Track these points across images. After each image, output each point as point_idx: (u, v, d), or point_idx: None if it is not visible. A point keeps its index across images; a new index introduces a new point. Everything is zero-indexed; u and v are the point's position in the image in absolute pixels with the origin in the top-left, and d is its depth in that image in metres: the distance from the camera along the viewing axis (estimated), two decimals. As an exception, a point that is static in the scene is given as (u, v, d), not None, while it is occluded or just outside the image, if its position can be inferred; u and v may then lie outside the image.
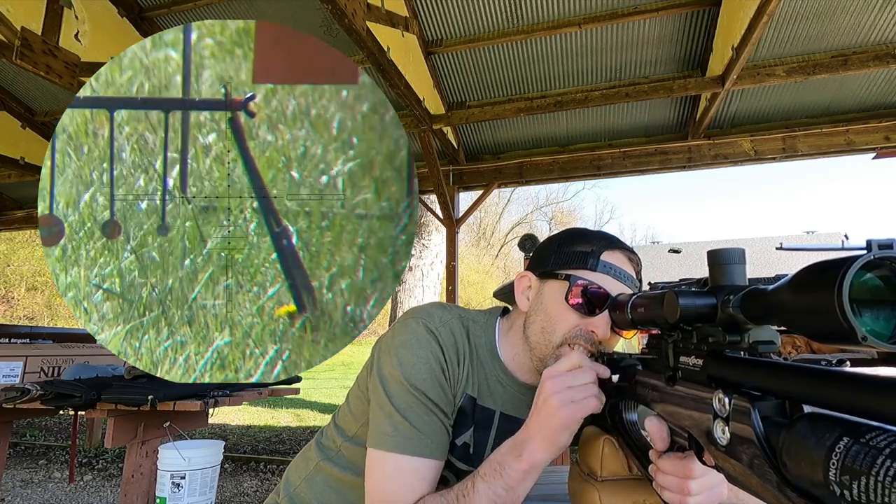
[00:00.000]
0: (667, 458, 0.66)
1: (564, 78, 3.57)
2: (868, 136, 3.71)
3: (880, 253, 0.36)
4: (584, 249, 0.87)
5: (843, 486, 0.33)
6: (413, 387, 0.83)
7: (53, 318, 13.50)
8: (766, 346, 0.50)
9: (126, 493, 2.40)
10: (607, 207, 54.43)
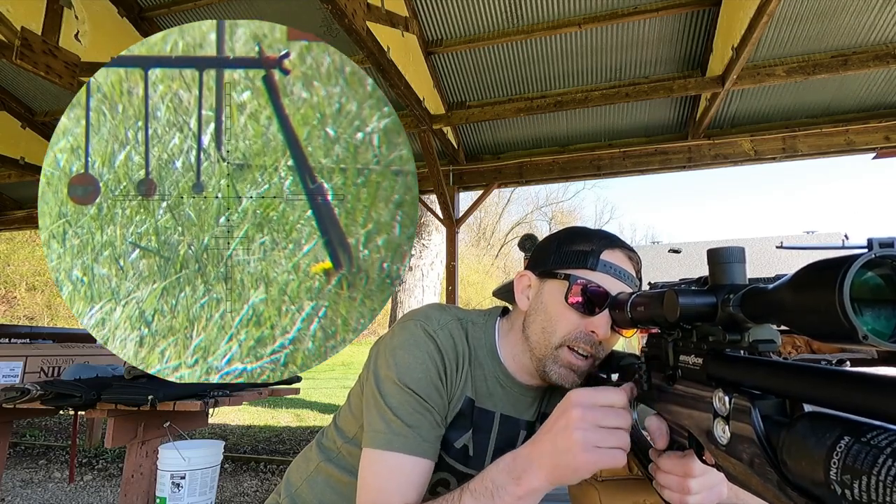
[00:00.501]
0: (667, 456, 0.66)
1: (564, 78, 3.57)
2: (868, 136, 3.71)
3: (881, 252, 0.36)
4: (583, 248, 0.87)
5: (844, 485, 0.33)
6: (407, 387, 0.83)
7: (53, 318, 13.50)
8: (766, 345, 0.50)
9: (126, 493, 2.40)
10: (607, 207, 54.35)
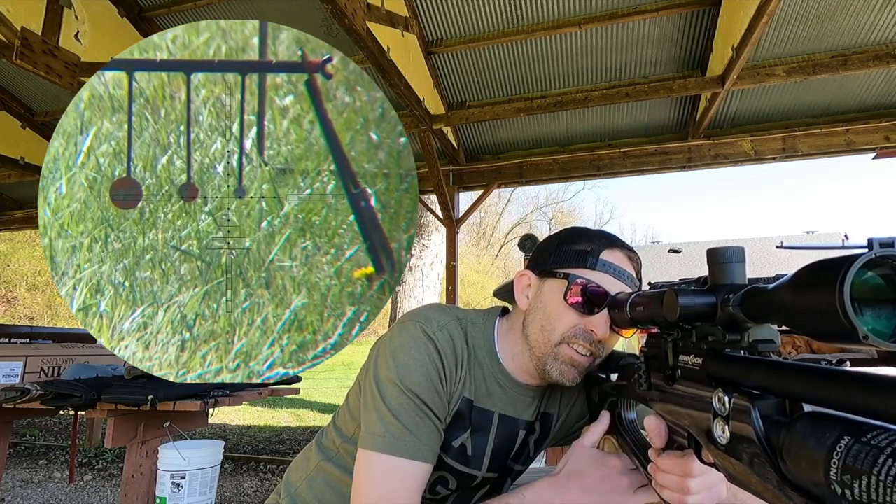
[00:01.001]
0: (666, 456, 0.66)
1: (564, 78, 3.57)
2: (868, 136, 3.71)
3: (881, 251, 0.36)
4: (583, 248, 0.87)
5: (844, 485, 0.33)
6: (408, 389, 0.83)
7: (53, 318, 13.50)
8: (765, 344, 0.50)
9: (126, 493, 2.40)
10: (607, 207, 54.38)
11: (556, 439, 1.05)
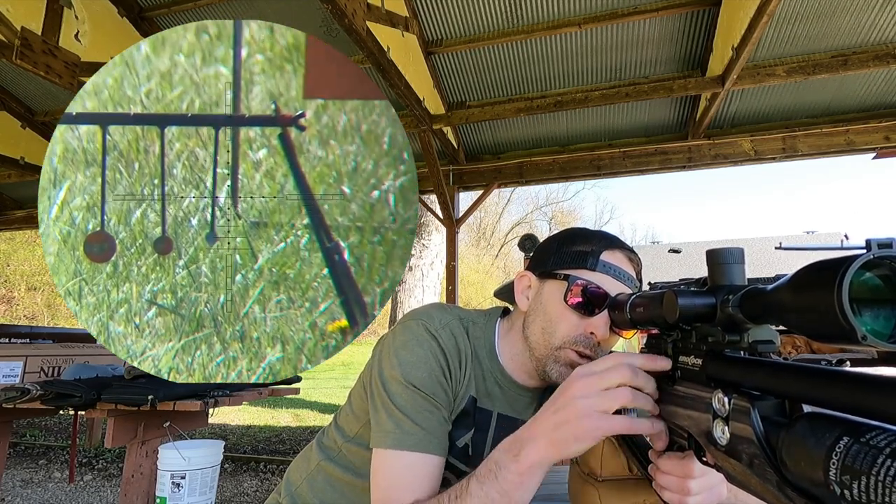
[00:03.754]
0: (666, 457, 0.66)
1: (564, 78, 3.57)
2: (868, 136, 3.71)
3: (880, 252, 0.36)
4: (583, 249, 0.87)
5: (844, 485, 0.33)
6: (412, 385, 0.84)
7: (53, 318, 13.50)
8: (765, 345, 0.50)
9: (126, 493, 2.40)
10: (607, 207, 54.49)
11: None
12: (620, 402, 0.62)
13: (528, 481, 0.67)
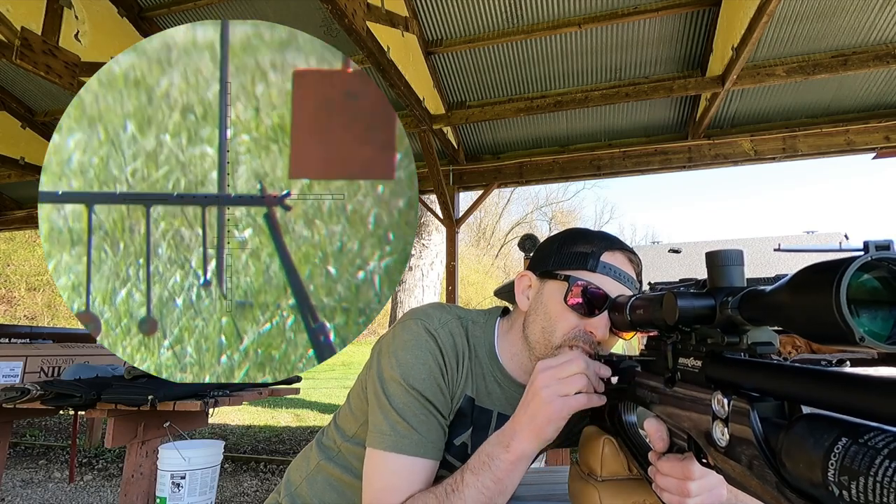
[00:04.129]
0: (666, 459, 0.66)
1: (564, 78, 3.57)
2: (868, 136, 3.71)
3: (877, 254, 0.36)
4: (584, 250, 0.87)
5: (842, 486, 0.33)
6: (411, 387, 0.84)
7: (53, 318, 13.49)
8: (764, 347, 0.50)
9: (126, 493, 2.40)
10: (607, 207, 54.52)
11: (556, 441, 1.05)
12: (577, 387, 0.74)
13: (518, 468, 0.76)
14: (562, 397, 0.73)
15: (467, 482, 0.76)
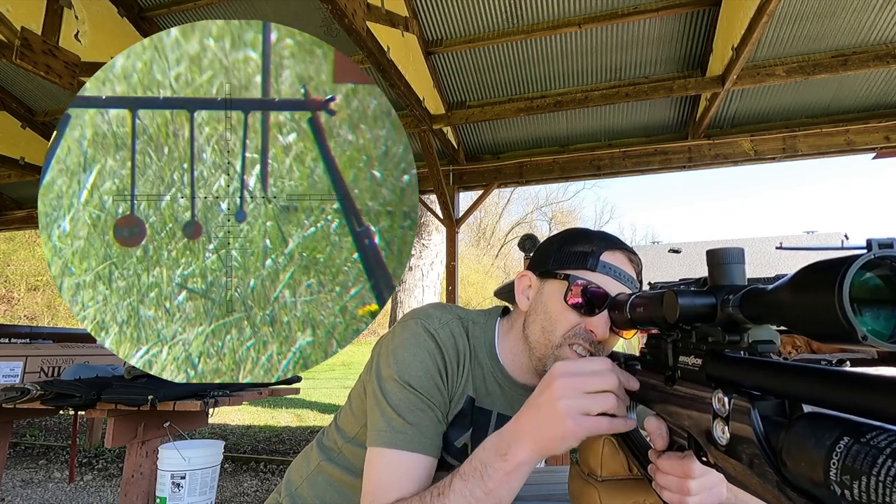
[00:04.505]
0: (666, 457, 0.66)
1: (564, 78, 3.57)
2: (868, 136, 3.71)
3: (880, 252, 0.36)
4: (584, 249, 0.87)
5: (844, 485, 0.33)
6: (407, 384, 0.84)
7: (53, 318, 13.50)
8: (765, 345, 0.50)
9: (126, 493, 2.40)
10: (607, 207, 54.56)
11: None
12: (605, 408, 0.63)
13: (514, 479, 0.68)
14: (583, 415, 0.63)
15: (455, 488, 0.69)
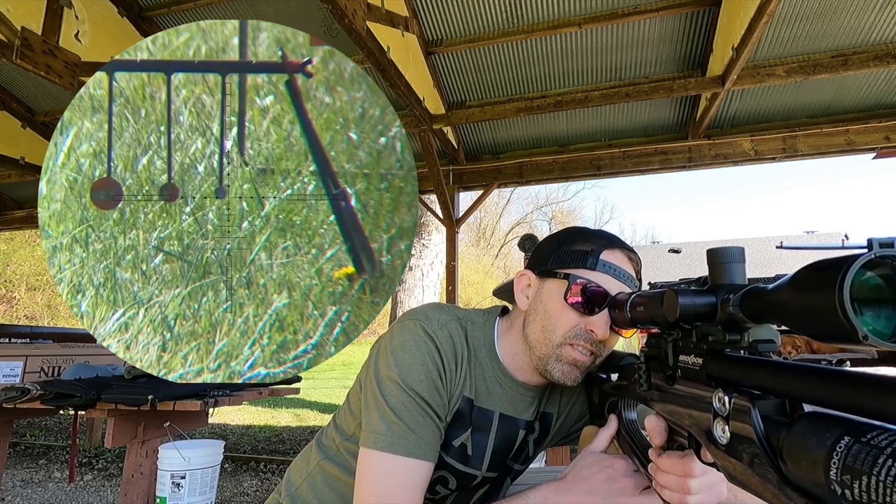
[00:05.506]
0: (666, 456, 0.66)
1: (564, 78, 3.57)
2: (868, 136, 3.70)
3: (881, 252, 0.36)
4: (583, 248, 0.87)
5: (844, 485, 0.33)
6: (409, 388, 0.83)
7: (53, 317, 13.50)
8: (765, 345, 0.50)
9: (126, 493, 2.40)
10: (607, 207, 54.56)
11: (556, 439, 1.05)
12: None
13: None
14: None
15: None
